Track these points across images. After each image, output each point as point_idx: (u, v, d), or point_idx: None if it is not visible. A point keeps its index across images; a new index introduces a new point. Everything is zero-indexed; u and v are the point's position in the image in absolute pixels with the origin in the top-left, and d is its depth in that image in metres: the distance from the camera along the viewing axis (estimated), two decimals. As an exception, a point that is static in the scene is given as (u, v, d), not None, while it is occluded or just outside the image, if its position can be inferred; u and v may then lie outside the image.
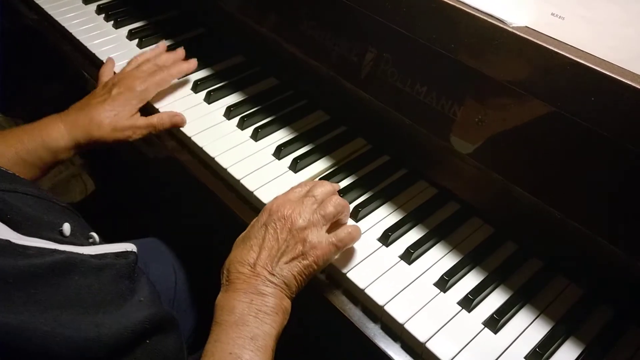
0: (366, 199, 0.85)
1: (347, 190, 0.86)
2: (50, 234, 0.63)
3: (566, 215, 0.67)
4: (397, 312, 0.71)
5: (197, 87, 1.05)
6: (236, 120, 0.98)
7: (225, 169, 0.89)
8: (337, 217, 0.75)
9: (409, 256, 0.77)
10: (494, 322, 0.70)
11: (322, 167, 0.91)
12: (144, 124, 0.95)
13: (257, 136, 0.95)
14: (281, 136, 0.96)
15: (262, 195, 0.85)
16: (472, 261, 0.77)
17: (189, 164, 0.95)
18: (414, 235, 0.81)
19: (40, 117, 0.92)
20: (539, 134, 0.67)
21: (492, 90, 0.70)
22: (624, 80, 0.58)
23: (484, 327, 0.71)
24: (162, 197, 1.45)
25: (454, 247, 0.80)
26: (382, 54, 0.81)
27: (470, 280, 0.76)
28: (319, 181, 0.80)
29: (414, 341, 0.69)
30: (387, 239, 0.80)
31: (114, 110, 0.93)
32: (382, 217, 0.84)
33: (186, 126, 0.97)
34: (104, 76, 1.03)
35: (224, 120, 0.99)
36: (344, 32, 0.85)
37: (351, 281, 0.75)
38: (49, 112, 0.93)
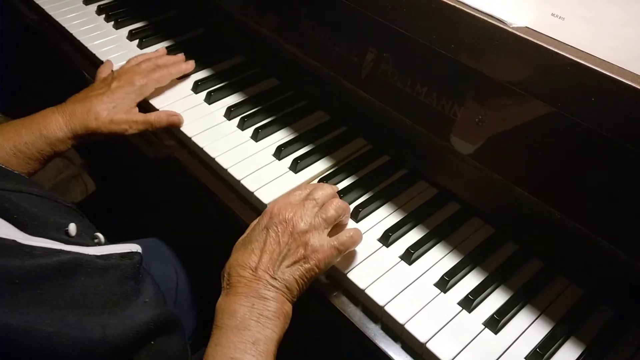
0: (366, 199, 0.85)
1: (347, 190, 0.86)
2: (56, 234, 0.63)
3: (566, 215, 0.67)
4: (398, 312, 0.71)
5: (197, 87, 1.05)
6: (236, 120, 0.98)
7: (225, 170, 0.89)
8: (338, 220, 0.75)
9: (410, 256, 0.77)
10: (495, 323, 0.70)
11: (322, 168, 0.91)
12: (141, 120, 0.95)
13: (257, 136, 0.95)
14: (281, 136, 0.96)
15: (263, 195, 0.85)
16: (472, 261, 0.78)
17: (189, 164, 0.95)
18: (414, 235, 0.81)
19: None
20: (539, 135, 0.67)
21: (492, 90, 0.70)
22: (624, 80, 0.58)
23: (484, 327, 0.71)
24: (163, 197, 1.45)
25: (455, 247, 0.80)
26: (383, 54, 0.81)
27: (470, 280, 0.76)
28: (319, 184, 0.79)
29: (414, 341, 0.70)
30: (387, 239, 0.80)
31: (112, 102, 0.93)
32: (383, 217, 0.84)
33: (186, 126, 0.97)
34: (102, 74, 1.03)
35: (224, 120, 0.99)
36: (344, 33, 0.85)
37: (351, 281, 0.75)
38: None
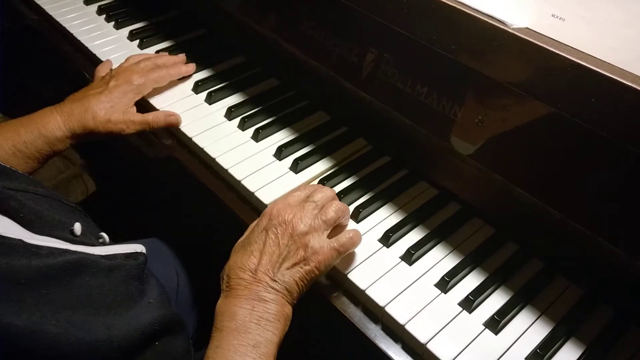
0: (367, 200, 0.85)
1: (347, 191, 0.86)
2: (61, 233, 0.63)
3: (566, 215, 0.67)
4: (398, 313, 0.71)
5: (198, 87, 1.05)
6: (237, 120, 0.98)
7: (226, 170, 0.89)
8: (338, 222, 0.75)
9: (410, 257, 0.77)
10: (495, 323, 0.70)
11: (323, 168, 0.91)
12: (139, 120, 0.95)
13: (257, 137, 0.95)
14: (282, 137, 0.96)
15: (263, 196, 0.85)
16: (472, 262, 0.78)
17: (190, 164, 0.95)
18: (414, 236, 0.81)
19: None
20: (540, 135, 0.67)
21: (493, 91, 0.70)
22: (624, 81, 0.58)
23: (484, 328, 0.71)
24: (163, 197, 1.45)
25: (455, 247, 0.80)
26: (383, 55, 0.81)
27: (471, 281, 0.76)
28: (318, 186, 0.79)
29: (414, 342, 0.70)
30: (387, 239, 0.80)
31: (110, 101, 0.93)
32: (383, 217, 0.84)
33: (187, 127, 0.97)
34: (100, 73, 1.03)
35: (224, 120, 0.99)
36: (345, 33, 0.85)
37: (352, 282, 0.75)
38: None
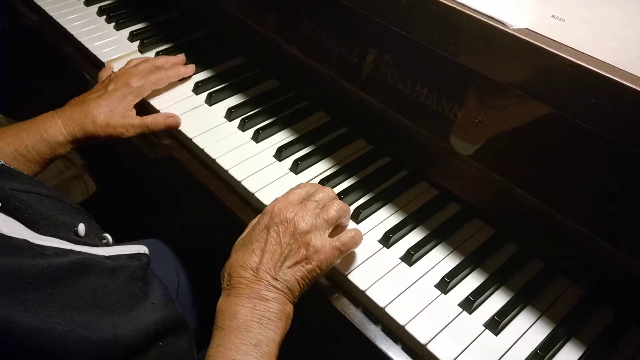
0: (367, 201, 0.85)
1: (348, 191, 0.86)
2: (65, 234, 0.64)
3: (566, 216, 0.67)
4: (398, 313, 0.71)
5: (198, 88, 1.05)
6: (237, 121, 0.98)
7: (226, 171, 0.89)
8: (339, 221, 0.75)
9: (410, 258, 0.77)
10: (495, 324, 0.70)
11: (323, 169, 0.91)
12: (138, 123, 0.95)
13: (258, 137, 0.95)
14: (282, 137, 0.96)
15: (263, 196, 0.85)
16: (473, 263, 0.78)
17: (190, 165, 0.95)
18: (414, 236, 0.81)
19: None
20: (540, 136, 0.67)
21: (493, 91, 0.70)
22: (624, 82, 0.58)
23: (484, 328, 0.71)
24: (163, 198, 1.46)
25: (455, 248, 0.80)
26: (383, 56, 0.81)
27: (471, 281, 0.76)
28: (319, 185, 0.79)
29: (414, 343, 0.70)
30: (388, 240, 0.80)
31: (109, 105, 0.93)
32: (383, 218, 0.84)
33: (187, 128, 0.97)
34: (101, 78, 1.03)
35: (225, 121, 0.99)
36: (345, 34, 0.86)
37: (352, 283, 0.75)
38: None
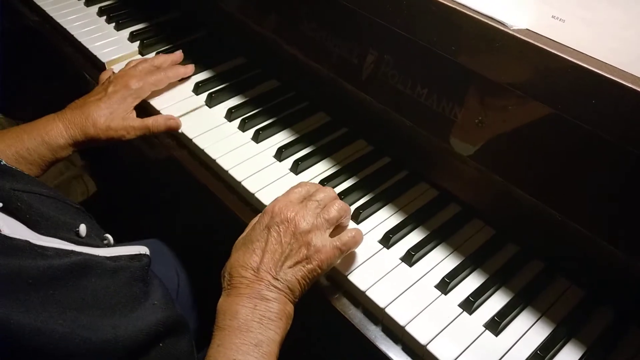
0: (367, 201, 0.85)
1: (348, 192, 0.86)
2: (66, 234, 0.64)
3: (567, 216, 0.67)
4: (398, 314, 0.71)
5: (198, 88, 1.05)
6: (237, 122, 0.98)
7: (226, 171, 0.89)
8: (340, 221, 0.75)
9: (410, 258, 0.77)
10: (495, 325, 0.70)
11: (323, 169, 0.91)
12: (139, 125, 0.95)
13: (258, 138, 0.95)
14: (282, 138, 0.96)
15: (263, 197, 0.85)
16: (473, 263, 0.78)
17: (190, 165, 0.95)
18: (415, 237, 0.81)
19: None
20: (540, 136, 0.67)
21: (493, 92, 0.70)
22: (624, 83, 0.58)
23: (485, 329, 0.71)
24: (163, 198, 1.46)
25: (455, 249, 0.80)
26: (383, 56, 0.81)
27: (471, 282, 0.76)
28: (319, 185, 0.79)
29: (415, 343, 0.70)
30: (388, 241, 0.80)
31: (109, 108, 0.93)
32: (383, 219, 0.84)
33: (187, 128, 0.97)
34: (101, 80, 1.03)
35: (225, 122, 0.99)
36: (345, 34, 0.86)
37: (352, 283, 0.75)
38: (50, 113, 0.93)
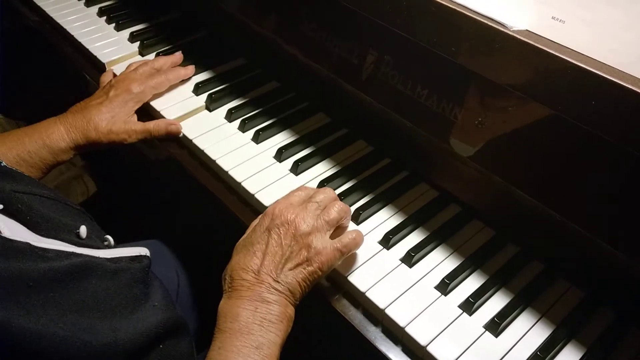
0: (367, 202, 0.85)
1: (348, 192, 0.86)
2: (67, 236, 0.64)
3: (566, 217, 0.67)
4: (398, 315, 0.71)
5: (198, 89, 1.05)
6: (237, 122, 0.98)
7: (226, 172, 0.89)
8: (340, 223, 0.75)
9: (410, 259, 0.77)
10: (495, 326, 0.70)
11: (323, 170, 0.91)
12: (140, 129, 0.95)
13: (258, 139, 0.95)
14: (282, 139, 0.96)
15: (263, 197, 0.85)
16: (473, 264, 0.77)
17: (190, 166, 0.95)
18: (415, 238, 0.81)
19: (41, 118, 0.93)
20: (540, 137, 0.67)
21: (493, 93, 0.70)
22: (624, 84, 0.58)
23: (485, 330, 0.71)
24: (163, 198, 1.46)
25: (455, 250, 0.80)
26: (383, 57, 0.81)
27: (471, 283, 0.76)
28: (319, 188, 0.79)
29: (415, 344, 0.69)
30: (388, 241, 0.80)
31: (111, 112, 0.93)
32: (383, 219, 0.84)
33: (187, 129, 0.97)
34: (102, 83, 1.03)
35: (225, 122, 0.99)
36: (345, 35, 0.86)
37: (352, 284, 0.75)
38: (50, 113, 0.94)
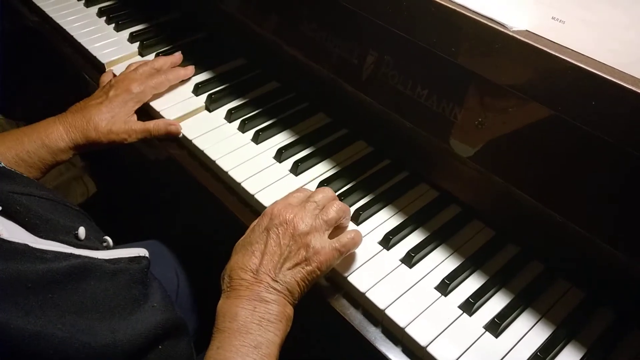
0: (367, 202, 0.85)
1: (348, 193, 0.86)
2: (66, 237, 0.64)
3: (566, 218, 0.67)
4: (398, 315, 0.71)
5: (198, 89, 1.05)
6: (237, 123, 0.98)
7: (226, 172, 0.89)
8: (339, 222, 0.75)
9: (410, 259, 0.77)
10: (495, 326, 0.70)
11: (323, 170, 0.91)
12: (140, 129, 0.95)
13: (258, 139, 0.95)
14: (282, 139, 0.96)
15: (263, 198, 0.85)
16: (473, 264, 0.77)
17: (190, 166, 0.95)
18: (414, 238, 0.81)
19: (41, 118, 0.93)
20: (540, 138, 0.67)
21: (493, 93, 0.70)
22: (624, 84, 0.58)
23: (485, 331, 0.71)
24: (163, 199, 1.46)
25: (455, 250, 0.80)
26: (383, 57, 0.81)
27: (471, 283, 0.76)
28: (319, 188, 0.79)
29: (414, 345, 0.69)
30: (388, 242, 0.79)
31: (110, 112, 0.93)
32: (383, 220, 0.84)
33: (187, 129, 0.97)
34: (102, 83, 1.03)
35: (225, 123, 0.99)
36: (345, 35, 0.85)
37: (352, 285, 0.75)
38: (50, 114, 0.94)
